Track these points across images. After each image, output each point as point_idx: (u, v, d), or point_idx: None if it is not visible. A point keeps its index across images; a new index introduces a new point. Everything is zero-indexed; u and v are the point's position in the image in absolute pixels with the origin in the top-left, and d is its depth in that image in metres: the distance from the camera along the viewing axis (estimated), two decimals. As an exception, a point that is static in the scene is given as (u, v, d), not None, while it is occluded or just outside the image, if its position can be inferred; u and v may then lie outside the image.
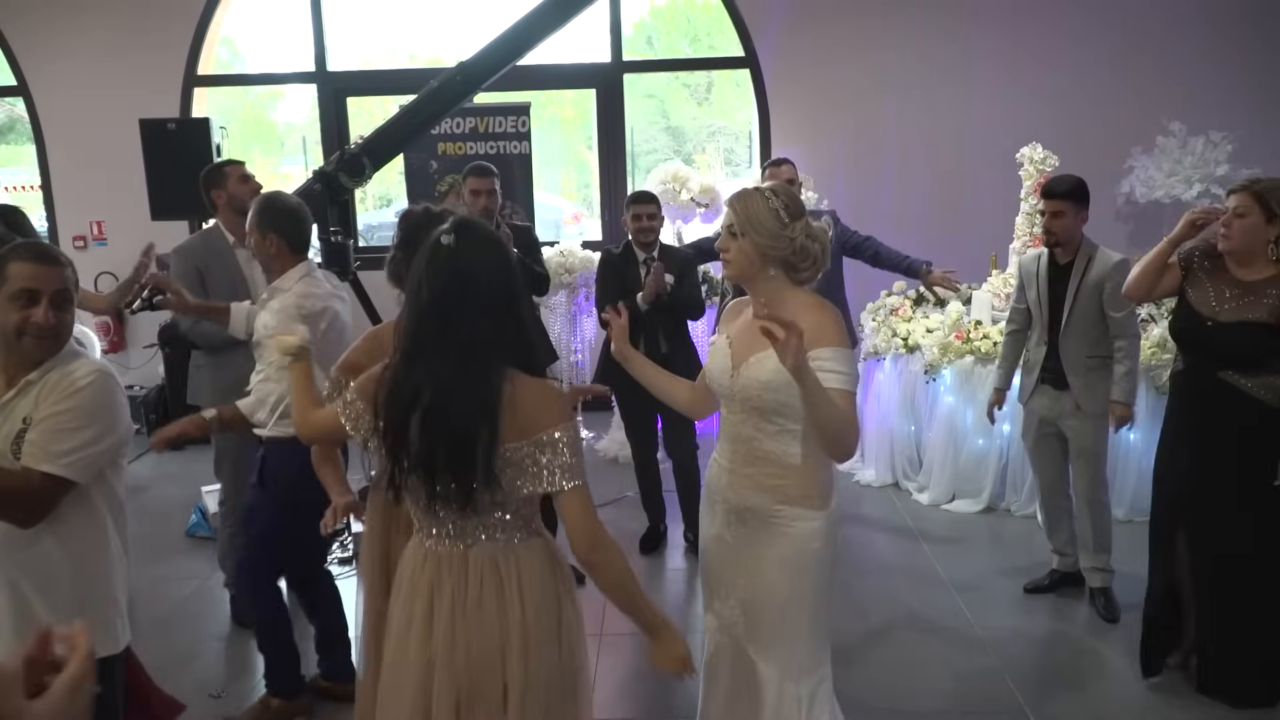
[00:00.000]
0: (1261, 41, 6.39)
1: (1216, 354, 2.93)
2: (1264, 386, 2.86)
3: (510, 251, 1.93)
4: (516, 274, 1.87)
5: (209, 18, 6.66)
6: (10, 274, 1.89)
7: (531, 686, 1.85)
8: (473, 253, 1.77)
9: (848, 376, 2.05)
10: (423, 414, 1.76)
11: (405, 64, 9.79)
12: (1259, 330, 2.84)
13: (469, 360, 1.75)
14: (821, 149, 6.52)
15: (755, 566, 2.20)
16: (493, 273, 1.78)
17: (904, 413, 5.10)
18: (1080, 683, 3.25)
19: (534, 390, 1.79)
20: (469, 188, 4.16)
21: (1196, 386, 3.01)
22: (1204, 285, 3.00)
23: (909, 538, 4.49)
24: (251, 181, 3.78)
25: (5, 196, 9.16)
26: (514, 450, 1.77)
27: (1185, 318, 3.04)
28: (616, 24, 6.73)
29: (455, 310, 1.75)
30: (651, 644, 1.94)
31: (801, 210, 2.14)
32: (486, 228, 1.89)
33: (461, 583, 1.86)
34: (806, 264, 2.13)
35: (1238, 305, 2.90)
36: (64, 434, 1.87)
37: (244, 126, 11.50)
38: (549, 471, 1.78)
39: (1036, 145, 5.06)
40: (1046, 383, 3.69)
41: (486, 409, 1.74)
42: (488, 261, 1.79)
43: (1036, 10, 6.45)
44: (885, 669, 3.34)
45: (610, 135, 6.95)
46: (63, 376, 1.91)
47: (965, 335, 4.84)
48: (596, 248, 6.45)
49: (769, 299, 2.13)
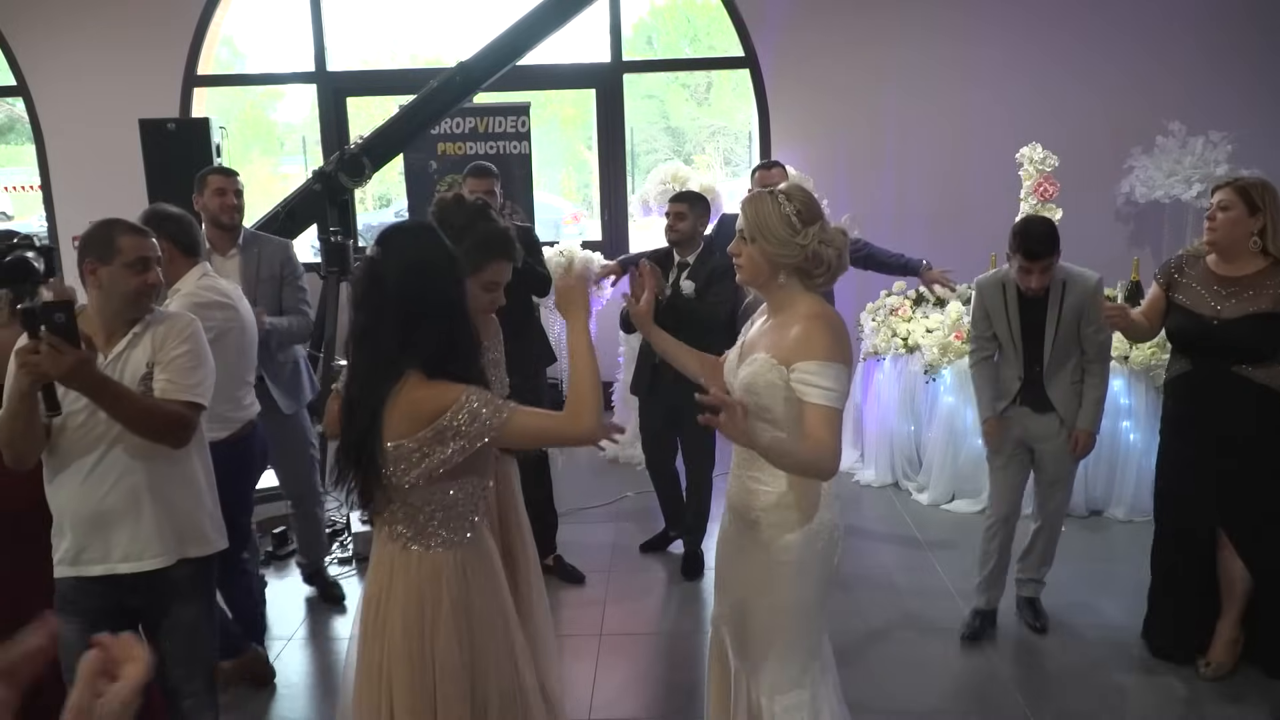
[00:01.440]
0: (1262, 42, 6.39)
1: (1227, 350, 2.97)
2: (1273, 376, 2.95)
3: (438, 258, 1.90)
4: (436, 279, 1.88)
5: (209, 17, 6.66)
6: (123, 246, 2.25)
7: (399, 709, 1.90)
8: (390, 259, 1.87)
9: (829, 392, 1.94)
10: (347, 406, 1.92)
11: (405, 64, 9.79)
12: (1267, 320, 2.91)
13: (373, 361, 1.87)
14: (821, 149, 6.52)
15: (743, 571, 2.19)
16: (404, 278, 1.85)
17: (904, 413, 5.10)
18: (1080, 683, 3.26)
19: (420, 390, 1.82)
20: (467, 188, 4.17)
21: (1208, 385, 3.03)
22: (1193, 289, 3.06)
23: (909, 538, 4.49)
24: (227, 196, 3.66)
25: (5, 196, 9.16)
26: (401, 447, 1.81)
27: (1186, 320, 3.06)
28: (616, 24, 6.73)
29: (372, 314, 1.88)
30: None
31: (816, 215, 2.05)
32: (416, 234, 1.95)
33: (373, 578, 1.97)
34: (821, 270, 2.05)
35: (1238, 300, 2.95)
36: (190, 370, 2.30)
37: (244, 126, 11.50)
38: (465, 437, 1.79)
39: (1037, 145, 5.06)
40: (1026, 404, 3.39)
41: (373, 407, 1.84)
42: (401, 267, 1.86)
43: (1037, 10, 6.45)
44: (885, 669, 3.34)
45: (610, 135, 6.95)
46: (170, 326, 2.33)
47: (965, 335, 4.84)
48: (596, 248, 6.46)
49: (776, 304, 2.11)
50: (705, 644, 3.58)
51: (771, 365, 2.00)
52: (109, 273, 2.25)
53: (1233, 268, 3.00)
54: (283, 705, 3.27)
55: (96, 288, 2.28)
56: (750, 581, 2.16)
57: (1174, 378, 3.19)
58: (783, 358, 1.99)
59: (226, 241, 3.69)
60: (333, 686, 3.39)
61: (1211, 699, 3.11)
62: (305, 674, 3.50)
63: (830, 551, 2.13)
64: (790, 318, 2.05)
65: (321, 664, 3.58)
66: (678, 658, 3.52)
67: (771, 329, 2.09)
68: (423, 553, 1.91)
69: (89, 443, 2.24)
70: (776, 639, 2.13)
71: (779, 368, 1.99)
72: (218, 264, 3.60)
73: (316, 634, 3.77)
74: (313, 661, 3.59)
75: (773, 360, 2.00)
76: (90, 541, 2.29)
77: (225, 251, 3.68)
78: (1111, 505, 4.66)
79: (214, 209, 3.66)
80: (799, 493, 2.07)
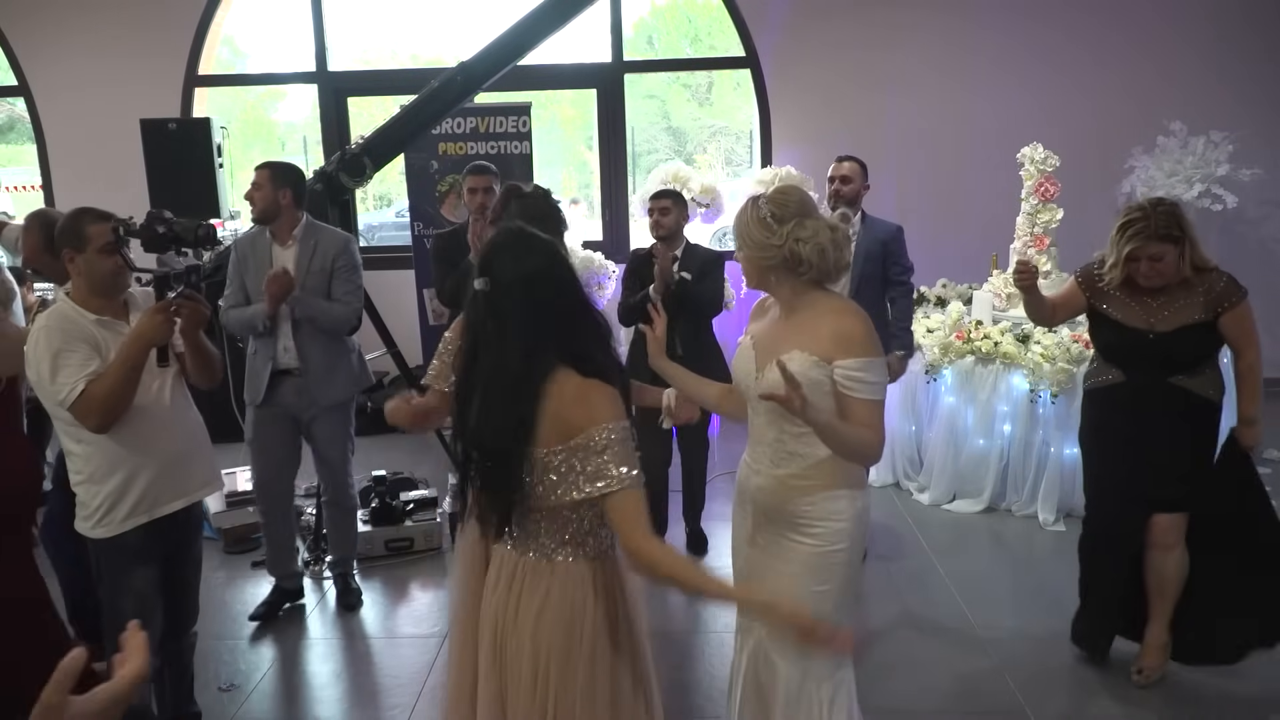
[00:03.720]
0: (1262, 42, 6.39)
1: (1164, 362, 3.02)
2: (1206, 384, 3.04)
3: (549, 253, 1.84)
4: (556, 274, 1.80)
5: (210, 18, 6.67)
6: (92, 234, 2.46)
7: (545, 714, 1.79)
8: (506, 277, 1.76)
9: (876, 385, 2.06)
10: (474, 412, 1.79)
11: (406, 64, 9.80)
12: (1202, 330, 2.98)
13: (514, 360, 1.74)
14: (822, 149, 6.48)
15: (782, 568, 2.20)
16: (530, 286, 1.76)
17: (905, 413, 5.10)
18: (1080, 683, 3.25)
19: (574, 389, 1.72)
20: (467, 186, 4.18)
21: (1143, 396, 3.06)
22: (1120, 300, 3.09)
23: (909, 538, 4.49)
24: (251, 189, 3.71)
25: (6, 196, 9.17)
26: (552, 455, 1.71)
27: (1120, 334, 3.08)
28: (617, 24, 6.74)
29: (501, 330, 1.77)
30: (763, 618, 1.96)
31: (795, 212, 2.09)
32: (518, 241, 1.83)
33: (506, 587, 1.83)
34: (803, 268, 2.09)
35: (1171, 312, 3.00)
36: None
37: (245, 126, 11.52)
38: (584, 477, 1.70)
39: (1037, 145, 5.06)
40: None
41: (522, 412, 1.71)
42: (521, 277, 1.76)
43: (1038, 10, 6.45)
44: (886, 669, 3.34)
45: (611, 135, 6.96)
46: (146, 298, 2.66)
47: (966, 335, 4.84)
48: (597, 248, 6.46)
49: (787, 304, 2.16)
50: (705, 644, 3.60)
51: (814, 363, 2.06)
52: (84, 259, 2.47)
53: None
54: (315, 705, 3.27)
55: (78, 274, 2.50)
56: (790, 578, 2.17)
57: (1105, 387, 3.17)
58: (824, 354, 2.06)
59: (283, 232, 3.67)
60: (360, 685, 3.39)
61: (1214, 697, 3.11)
62: (333, 671, 3.50)
63: (865, 535, 2.26)
64: (814, 315, 2.11)
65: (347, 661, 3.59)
66: (678, 658, 3.51)
67: (791, 327, 2.14)
68: (570, 562, 1.81)
69: (155, 392, 2.58)
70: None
71: (822, 365, 2.06)
72: (276, 253, 3.65)
73: (332, 634, 3.77)
74: (342, 660, 3.60)
75: (813, 358, 2.06)
76: (169, 481, 2.60)
77: (284, 242, 3.67)
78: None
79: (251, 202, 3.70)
80: (843, 479, 2.15)
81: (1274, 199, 6.43)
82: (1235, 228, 6.40)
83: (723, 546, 4.43)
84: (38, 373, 2.42)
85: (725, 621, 3.75)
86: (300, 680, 3.47)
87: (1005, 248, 5.23)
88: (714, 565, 4.27)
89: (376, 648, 3.65)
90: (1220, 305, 2.96)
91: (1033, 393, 4.59)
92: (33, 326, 2.50)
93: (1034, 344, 4.67)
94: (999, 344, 4.72)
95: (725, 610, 3.86)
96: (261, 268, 3.63)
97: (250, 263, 3.68)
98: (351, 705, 3.26)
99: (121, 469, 2.52)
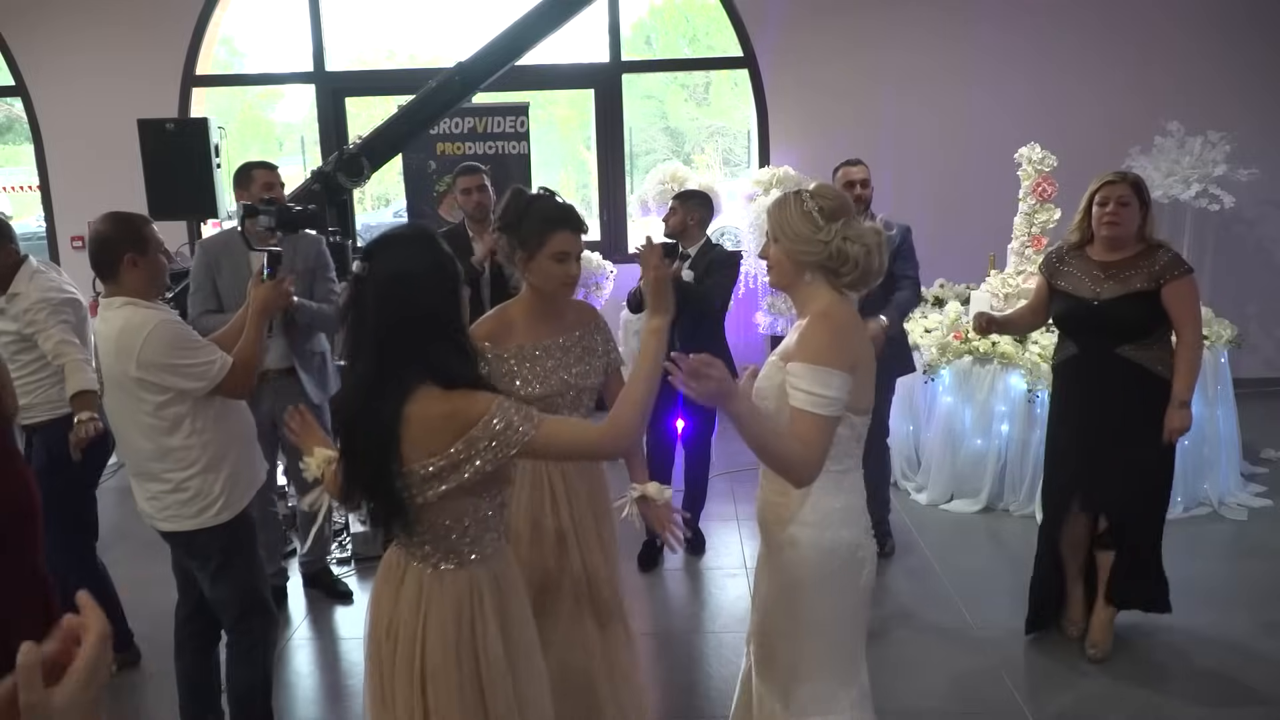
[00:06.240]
0: (1260, 41, 6.40)
1: (1108, 330, 3.15)
2: (1155, 359, 3.13)
3: (422, 268, 1.80)
4: (418, 290, 1.77)
5: (207, 17, 6.66)
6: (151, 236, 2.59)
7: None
8: (374, 272, 1.78)
9: (811, 397, 1.85)
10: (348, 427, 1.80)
11: (404, 64, 9.79)
12: (1143, 298, 3.09)
13: (376, 379, 1.73)
14: (820, 149, 6.50)
15: (765, 589, 2.12)
16: (388, 290, 1.76)
17: (902, 413, 5.10)
18: (1080, 683, 3.26)
19: (443, 403, 1.69)
20: (459, 187, 4.19)
21: (1092, 367, 3.21)
22: (1074, 275, 3.25)
23: (908, 538, 4.49)
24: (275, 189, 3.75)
25: (4, 197, 9.16)
26: (433, 463, 1.69)
27: (1069, 303, 3.24)
28: (615, 24, 6.74)
29: (362, 330, 1.79)
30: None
31: (841, 212, 1.98)
32: (403, 244, 1.83)
33: (394, 606, 1.84)
34: (847, 268, 1.96)
35: (1115, 282, 3.14)
36: None
37: (243, 126, 11.51)
38: (489, 453, 1.67)
39: (1035, 145, 5.06)
40: None
41: (383, 431, 1.70)
42: (385, 279, 1.77)
43: (1035, 10, 6.45)
44: (885, 669, 3.33)
45: (609, 135, 6.95)
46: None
47: (964, 335, 4.84)
48: (595, 248, 6.46)
49: (801, 305, 2.04)
50: (705, 644, 3.61)
51: (778, 366, 1.96)
52: (147, 261, 2.57)
53: (1114, 254, 3.18)
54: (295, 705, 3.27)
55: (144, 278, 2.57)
56: (772, 599, 2.10)
57: (1061, 361, 3.36)
58: (786, 356, 1.95)
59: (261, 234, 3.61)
60: (337, 685, 3.39)
61: (1215, 696, 3.12)
62: (310, 672, 3.50)
63: (850, 572, 2.03)
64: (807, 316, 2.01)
65: (325, 663, 3.59)
66: (677, 658, 3.52)
67: (794, 330, 2.05)
68: (457, 570, 1.81)
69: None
70: (799, 660, 2.06)
71: (784, 368, 1.94)
72: (253, 256, 3.55)
73: (323, 632, 3.77)
74: (318, 660, 3.59)
75: (779, 361, 1.96)
76: (257, 453, 2.77)
77: (267, 243, 3.64)
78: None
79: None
80: (811, 508, 1.99)
81: (1271, 199, 6.43)
82: (1233, 228, 6.41)
83: (722, 546, 4.47)
84: (171, 361, 2.43)
85: (724, 622, 3.76)
86: (285, 678, 3.46)
87: (1003, 248, 5.23)
88: (714, 565, 4.28)
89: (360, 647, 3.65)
90: (1163, 276, 3.07)
91: (1030, 392, 4.60)
92: (139, 335, 2.44)
93: (1031, 344, 4.67)
94: (997, 344, 4.72)
95: (725, 610, 3.87)
96: (238, 271, 3.56)
97: (224, 265, 3.61)
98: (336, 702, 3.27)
99: (233, 448, 2.62)
